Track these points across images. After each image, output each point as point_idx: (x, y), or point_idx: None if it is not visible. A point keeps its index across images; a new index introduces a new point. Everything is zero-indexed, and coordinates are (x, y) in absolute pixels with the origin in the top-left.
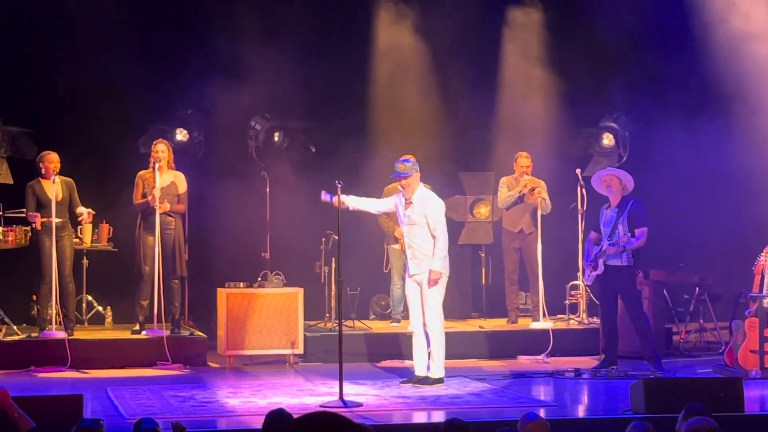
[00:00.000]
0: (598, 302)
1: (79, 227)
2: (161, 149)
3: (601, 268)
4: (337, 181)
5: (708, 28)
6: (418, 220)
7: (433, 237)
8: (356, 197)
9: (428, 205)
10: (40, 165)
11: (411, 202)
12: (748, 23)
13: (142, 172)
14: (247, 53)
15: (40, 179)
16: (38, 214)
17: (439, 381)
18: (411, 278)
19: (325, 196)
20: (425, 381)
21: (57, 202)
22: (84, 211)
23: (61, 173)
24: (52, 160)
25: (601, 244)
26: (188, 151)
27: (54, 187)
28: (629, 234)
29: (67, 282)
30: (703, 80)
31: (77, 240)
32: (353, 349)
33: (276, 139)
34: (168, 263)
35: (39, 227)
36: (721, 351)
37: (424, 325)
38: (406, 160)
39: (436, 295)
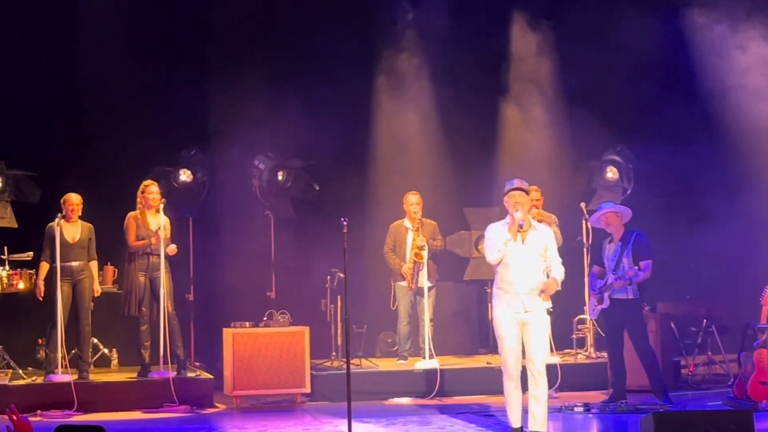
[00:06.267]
0: (604, 336)
1: None
2: (156, 191)
3: (606, 302)
4: (342, 219)
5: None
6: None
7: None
8: None
9: None
10: (63, 207)
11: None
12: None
13: (133, 213)
14: (249, 93)
15: (60, 221)
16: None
17: None
18: None
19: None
20: None
21: (74, 244)
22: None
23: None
24: (72, 201)
25: (606, 278)
26: (192, 191)
27: (72, 230)
28: (635, 267)
29: (84, 324)
30: (704, 113)
31: None
32: (361, 387)
33: (280, 178)
34: (164, 304)
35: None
36: (730, 383)
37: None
38: None
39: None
